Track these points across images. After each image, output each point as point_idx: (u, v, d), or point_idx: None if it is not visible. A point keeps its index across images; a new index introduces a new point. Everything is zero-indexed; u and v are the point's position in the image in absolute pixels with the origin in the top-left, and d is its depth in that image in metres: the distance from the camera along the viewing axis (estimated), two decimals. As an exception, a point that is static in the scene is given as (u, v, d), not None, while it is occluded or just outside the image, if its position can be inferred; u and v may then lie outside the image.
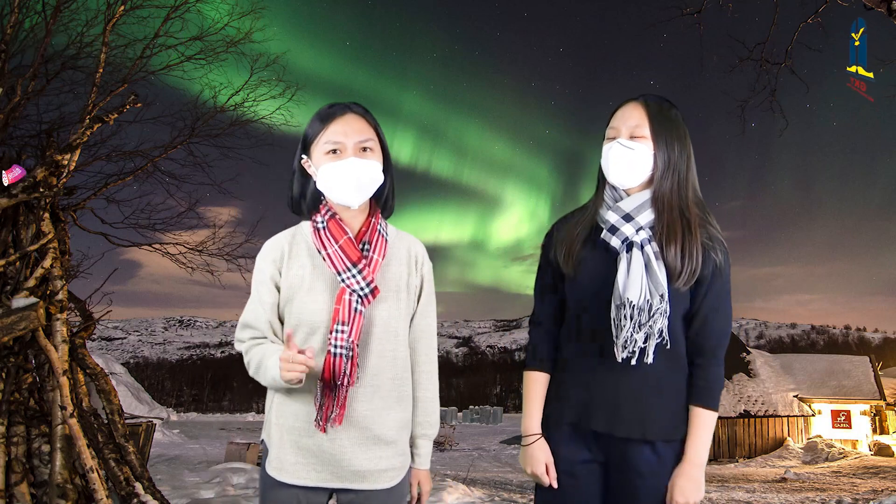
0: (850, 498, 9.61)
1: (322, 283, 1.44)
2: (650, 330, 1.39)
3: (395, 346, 1.48)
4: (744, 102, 7.46)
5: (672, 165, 1.50)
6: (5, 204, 4.05)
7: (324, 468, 1.39)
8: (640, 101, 1.52)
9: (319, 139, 1.46)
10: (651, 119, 1.49)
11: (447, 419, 43.13)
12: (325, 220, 1.47)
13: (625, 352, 1.41)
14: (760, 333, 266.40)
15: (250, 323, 1.48)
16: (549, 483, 1.48)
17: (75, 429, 3.73)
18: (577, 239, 1.54)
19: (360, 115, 1.48)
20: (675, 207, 1.49)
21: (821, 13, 6.52)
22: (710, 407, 1.45)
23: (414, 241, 1.60)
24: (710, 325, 1.47)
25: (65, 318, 4.08)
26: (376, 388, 1.43)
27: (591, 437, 1.48)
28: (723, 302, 1.49)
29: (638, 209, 1.49)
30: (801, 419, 20.84)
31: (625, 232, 1.46)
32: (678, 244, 1.45)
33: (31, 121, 5.24)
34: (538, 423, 1.54)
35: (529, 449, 1.52)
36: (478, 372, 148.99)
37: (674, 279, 1.43)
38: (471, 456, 21.28)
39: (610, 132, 1.53)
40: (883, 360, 27.37)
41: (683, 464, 1.43)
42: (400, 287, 1.51)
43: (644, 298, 1.40)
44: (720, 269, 1.47)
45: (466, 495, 7.87)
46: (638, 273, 1.41)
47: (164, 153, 6.12)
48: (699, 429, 1.44)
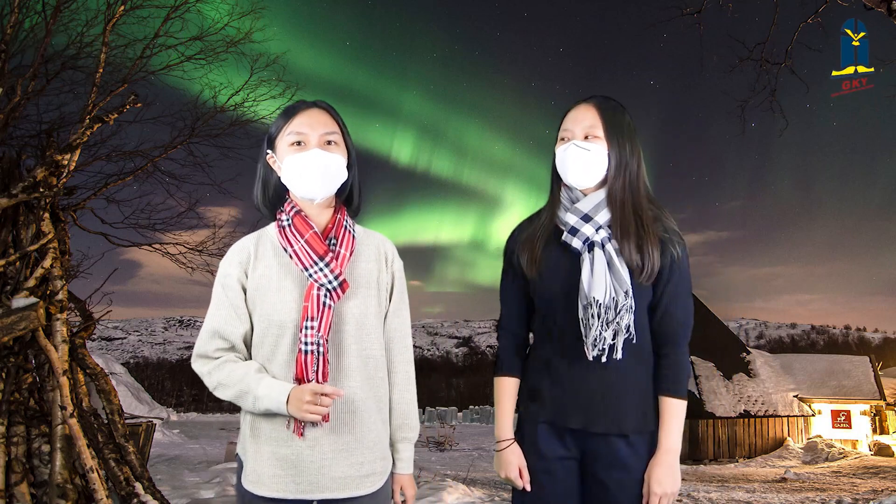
0: (850, 498, 9.61)
1: (290, 281, 1.42)
2: (618, 327, 1.43)
3: (368, 344, 1.45)
4: (744, 102, 7.47)
5: (624, 164, 1.54)
6: (5, 204, 4.05)
7: (303, 478, 1.34)
8: (592, 103, 1.56)
9: (283, 132, 1.46)
10: (604, 120, 1.53)
11: (447, 419, 43.13)
12: (290, 217, 1.45)
13: (595, 350, 1.44)
14: (760, 333, 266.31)
15: (220, 330, 1.41)
16: (523, 486, 1.51)
17: (75, 429, 3.73)
18: (538, 242, 1.56)
19: (325, 109, 1.49)
20: (627, 204, 1.52)
21: (821, 13, 6.53)
22: (679, 395, 1.50)
23: (383, 239, 1.58)
24: (672, 316, 1.52)
25: (65, 318, 4.08)
26: (352, 389, 1.40)
27: (566, 434, 1.51)
28: (682, 291, 1.53)
29: (595, 209, 1.52)
30: (801, 419, 20.85)
31: (585, 232, 1.50)
32: (633, 241, 1.49)
33: (31, 121, 5.24)
34: (510, 428, 1.57)
35: (503, 454, 1.55)
36: (478, 372, 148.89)
37: (635, 275, 1.47)
38: (471, 456, 21.27)
39: (564, 133, 1.56)
40: (883, 360, 27.37)
41: (659, 454, 1.47)
42: (370, 283, 1.48)
43: (610, 296, 1.43)
44: (678, 261, 1.52)
45: (466, 495, 7.86)
46: (601, 272, 1.45)
47: (164, 153, 6.11)
48: (670, 418, 1.48)
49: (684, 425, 1.52)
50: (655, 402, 1.51)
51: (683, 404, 1.50)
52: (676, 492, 1.45)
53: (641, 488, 1.46)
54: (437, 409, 50.35)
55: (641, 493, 1.46)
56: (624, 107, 1.58)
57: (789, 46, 6.92)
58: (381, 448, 1.46)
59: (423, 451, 23.50)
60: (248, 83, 6.60)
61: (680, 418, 1.49)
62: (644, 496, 1.46)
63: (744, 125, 7.64)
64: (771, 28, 6.91)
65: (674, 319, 1.52)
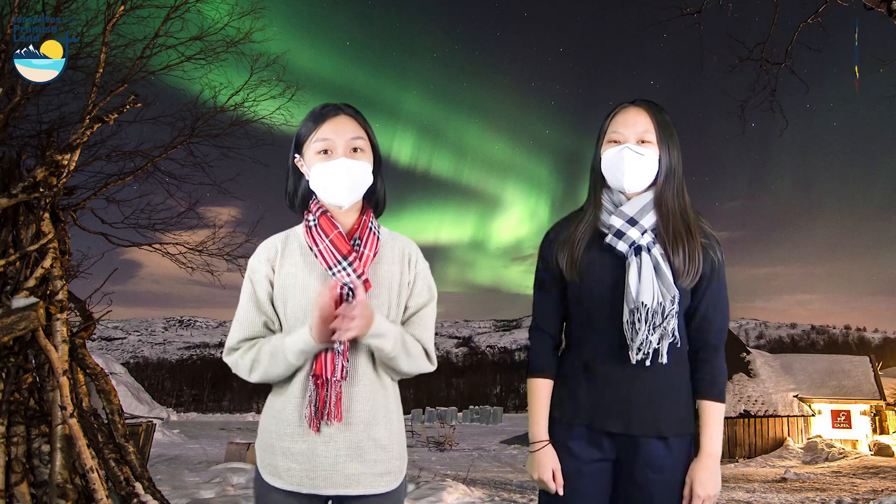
0: (850, 498, 9.61)
1: (315, 279, 1.44)
2: (664, 331, 1.43)
3: None
4: (744, 102, 7.47)
5: (673, 170, 1.54)
6: (5, 204, 4.05)
7: (317, 474, 1.37)
8: (644, 107, 1.54)
9: (311, 139, 1.47)
10: (657, 125, 1.52)
11: (447, 419, 43.13)
12: (317, 217, 1.48)
13: (640, 354, 1.44)
14: (760, 333, 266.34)
15: (247, 326, 1.46)
16: (556, 490, 1.50)
17: (75, 429, 3.73)
18: (578, 244, 1.55)
19: (351, 115, 1.50)
20: (677, 212, 1.53)
21: (821, 13, 6.53)
22: (719, 399, 1.50)
23: (408, 241, 1.59)
24: (712, 321, 1.52)
25: (65, 318, 4.08)
26: (370, 387, 1.42)
27: (604, 437, 1.50)
28: (721, 297, 1.54)
29: (640, 212, 1.51)
30: (801, 419, 20.84)
31: (631, 236, 1.49)
32: (684, 247, 1.49)
33: (31, 121, 5.25)
34: (545, 429, 1.55)
35: (537, 455, 1.53)
36: (478, 372, 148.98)
37: (679, 279, 1.47)
38: (471, 456, 21.28)
39: (614, 136, 1.54)
40: (883, 360, 27.37)
41: (701, 457, 1.47)
42: (392, 285, 1.49)
43: (657, 301, 1.43)
44: (718, 267, 1.53)
45: (466, 495, 7.86)
46: (649, 276, 1.44)
47: (164, 153, 6.12)
48: (711, 421, 1.49)
49: None
50: (693, 405, 1.51)
51: (723, 408, 1.52)
52: (718, 494, 1.47)
53: (678, 490, 1.46)
54: (437, 409, 50.35)
55: (679, 494, 1.46)
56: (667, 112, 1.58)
57: (789, 46, 6.92)
58: (397, 448, 1.46)
59: (423, 451, 23.51)
60: (248, 83, 6.61)
61: (720, 422, 1.50)
62: (685, 497, 1.46)
63: (744, 125, 7.64)
64: (771, 28, 6.92)
65: (714, 324, 1.52)
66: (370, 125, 1.54)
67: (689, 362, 1.53)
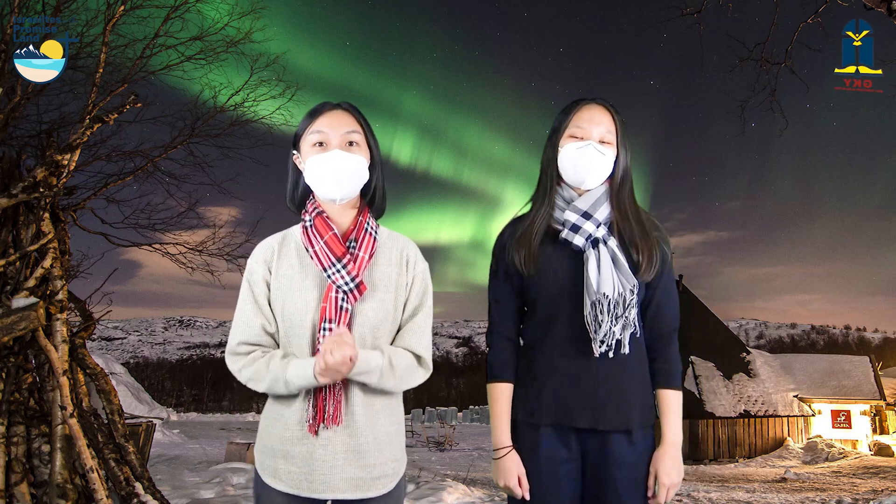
0: (850, 498, 9.60)
1: (311, 281, 1.43)
2: (626, 321, 1.46)
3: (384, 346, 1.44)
4: (744, 102, 7.47)
5: (628, 171, 1.59)
6: (5, 204, 4.05)
7: (315, 477, 1.36)
8: (606, 107, 1.57)
9: (307, 132, 1.47)
10: (618, 126, 1.56)
11: (447, 419, 43.11)
12: (312, 217, 1.47)
13: (603, 346, 1.45)
14: (760, 333, 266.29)
15: (246, 328, 1.44)
16: (522, 495, 1.49)
17: (75, 429, 3.73)
18: (534, 240, 1.56)
19: (348, 110, 1.50)
20: (631, 210, 1.57)
21: (821, 13, 6.53)
22: (676, 387, 1.54)
23: (407, 242, 1.57)
24: (666, 310, 1.57)
25: (65, 318, 4.08)
26: (369, 391, 1.41)
27: (571, 435, 1.50)
28: (672, 286, 1.59)
29: (594, 206, 1.54)
30: (801, 419, 20.84)
31: (587, 229, 1.51)
32: (645, 244, 1.53)
33: (31, 121, 5.25)
34: (508, 435, 1.55)
35: (502, 461, 1.52)
36: (478, 372, 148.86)
37: (641, 274, 1.51)
38: (471, 456, 21.25)
39: (577, 132, 1.55)
40: (883, 360, 27.38)
41: (664, 446, 1.50)
42: (389, 286, 1.47)
43: (618, 291, 1.45)
44: (668, 259, 1.58)
45: (466, 495, 7.86)
46: (608, 268, 1.47)
47: (164, 153, 6.12)
48: (671, 410, 1.52)
49: (684, 425, 1.54)
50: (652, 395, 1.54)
51: (680, 395, 1.55)
52: (681, 482, 1.49)
53: (643, 482, 1.48)
54: (437, 409, 50.32)
55: (644, 486, 1.48)
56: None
57: (789, 46, 6.93)
58: (394, 450, 1.45)
59: (423, 451, 23.50)
60: (248, 83, 6.61)
61: (679, 410, 1.53)
62: (650, 488, 1.48)
63: (744, 125, 7.65)
64: (771, 28, 6.92)
65: (668, 314, 1.57)
66: (368, 123, 1.53)
67: (647, 352, 1.56)
